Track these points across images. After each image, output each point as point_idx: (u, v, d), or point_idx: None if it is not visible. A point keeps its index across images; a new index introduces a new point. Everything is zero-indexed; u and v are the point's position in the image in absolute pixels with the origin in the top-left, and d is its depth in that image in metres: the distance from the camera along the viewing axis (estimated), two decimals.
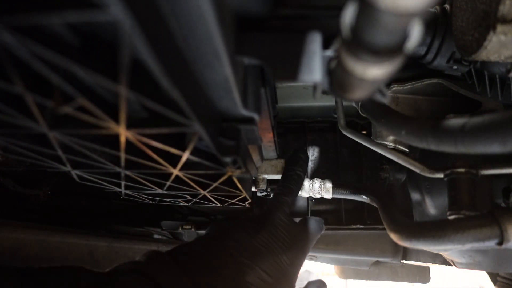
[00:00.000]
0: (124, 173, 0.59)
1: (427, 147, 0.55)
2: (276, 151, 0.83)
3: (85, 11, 0.22)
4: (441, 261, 1.19)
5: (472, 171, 0.71)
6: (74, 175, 0.63)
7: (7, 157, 0.66)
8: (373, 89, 0.37)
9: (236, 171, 0.54)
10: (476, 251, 0.84)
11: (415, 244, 0.70)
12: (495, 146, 0.44)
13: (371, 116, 0.76)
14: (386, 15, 0.23)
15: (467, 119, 0.48)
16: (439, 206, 0.86)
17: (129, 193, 0.79)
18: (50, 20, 0.22)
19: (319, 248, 1.31)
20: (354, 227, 1.29)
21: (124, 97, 0.31)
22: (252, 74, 0.45)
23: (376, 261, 1.38)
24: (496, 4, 0.47)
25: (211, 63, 0.34)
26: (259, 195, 1.06)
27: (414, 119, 0.60)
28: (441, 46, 0.72)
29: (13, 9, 0.22)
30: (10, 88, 0.30)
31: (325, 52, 0.39)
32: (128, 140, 0.42)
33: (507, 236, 0.60)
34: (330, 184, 1.06)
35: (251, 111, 0.45)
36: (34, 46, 0.25)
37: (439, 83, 0.86)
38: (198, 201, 0.86)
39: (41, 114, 0.35)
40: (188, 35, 0.30)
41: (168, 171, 0.55)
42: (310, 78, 0.38)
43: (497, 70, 0.64)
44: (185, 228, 1.34)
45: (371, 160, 1.37)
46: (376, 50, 0.28)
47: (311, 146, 1.42)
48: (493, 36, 0.48)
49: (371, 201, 1.04)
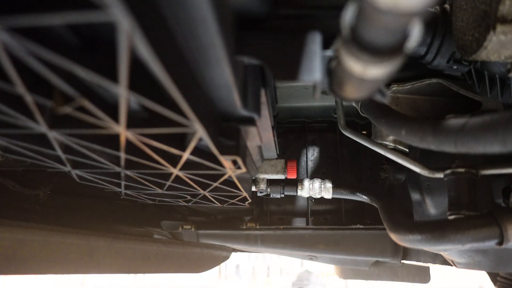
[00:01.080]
0: (124, 173, 0.59)
1: (427, 147, 0.55)
2: (276, 151, 0.83)
3: (85, 12, 0.22)
4: (441, 261, 1.19)
5: (472, 171, 0.71)
6: (74, 175, 0.63)
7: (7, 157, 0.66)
8: (373, 89, 0.37)
9: (236, 171, 0.54)
10: (476, 251, 0.84)
11: (415, 244, 0.69)
12: (495, 146, 0.44)
13: (371, 116, 0.76)
14: (386, 15, 0.23)
15: (467, 119, 0.48)
16: (439, 206, 0.86)
17: (129, 193, 0.79)
18: (50, 20, 0.22)
19: (319, 248, 1.31)
20: (354, 227, 1.30)
21: (124, 97, 0.31)
22: (252, 74, 0.45)
23: (376, 261, 1.38)
24: (496, 4, 0.47)
25: (211, 63, 0.34)
26: (259, 195, 1.06)
27: (414, 119, 0.60)
28: (441, 46, 0.71)
29: (13, 9, 0.22)
30: (11, 89, 0.30)
31: (325, 52, 0.39)
32: (128, 140, 0.42)
33: (507, 236, 0.60)
34: (330, 184, 1.06)
35: (251, 111, 0.45)
36: (34, 46, 0.25)
37: (439, 83, 0.86)
38: (198, 201, 0.86)
39: (41, 114, 0.35)
40: (188, 35, 0.30)
41: (168, 171, 0.55)
42: (310, 78, 0.38)
43: (497, 70, 0.64)
44: (185, 228, 1.34)
45: (371, 160, 1.37)
46: (376, 50, 0.28)
47: (311, 146, 1.42)
48: (493, 36, 0.48)
49: (371, 201, 1.04)
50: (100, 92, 0.37)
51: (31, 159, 0.56)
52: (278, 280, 5.54)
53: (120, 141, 0.43)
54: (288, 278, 5.43)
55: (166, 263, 1.29)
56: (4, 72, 0.28)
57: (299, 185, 1.06)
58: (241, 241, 1.34)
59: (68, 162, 0.56)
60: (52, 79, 0.29)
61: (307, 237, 1.31)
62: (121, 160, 0.52)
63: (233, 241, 1.36)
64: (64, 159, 0.53)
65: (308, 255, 1.38)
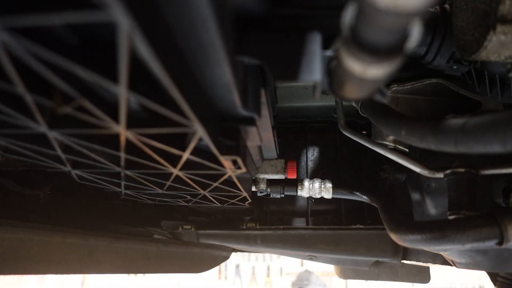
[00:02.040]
0: (124, 173, 0.59)
1: (427, 147, 0.55)
2: (276, 151, 0.83)
3: (85, 11, 0.22)
4: (441, 261, 1.19)
5: (472, 171, 0.71)
6: (74, 175, 0.63)
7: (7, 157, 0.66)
8: (373, 89, 0.37)
9: (236, 171, 0.54)
10: (476, 251, 0.84)
11: (415, 244, 0.69)
12: (495, 146, 0.44)
13: (371, 116, 0.76)
14: (386, 15, 0.23)
15: (467, 119, 0.48)
16: (439, 206, 0.86)
17: (129, 193, 0.79)
18: (50, 20, 0.22)
19: (319, 248, 1.31)
20: (354, 227, 1.30)
21: (124, 97, 0.31)
22: (252, 74, 0.45)
23: (376, 261, 1.38)
24: (496, 4, 0.47)
25: (211, 63, 0.34)
26: (259, 195, 1.06)
27: (414, 119, 0.60)
28: (441, 46, 0.71)
29: (13, 9, 0.22)
30: (11, 89, 0.30)
31: (325, 52, 0.39)
32: (128, 140, 0.42)
33: (507, 236, 0.60)
34: (330, 184, 1.06)
35: (251, 111, 0.45)
36: (34, 46, 0.25)
37: (439, 83, 0.86)
38: (198, 201, 0.86)
39: (41, 114, 0.35)
40: (188, 35, 0.30)
41: (168, 171, 0.55)
42: (310, 78, 0.38)
43: (497, 70, 0.64)
44: (185, 228, 1.34)
45: (371, 160, 1.37)
46: (376, 50, 0.28)
47: (311, 146, 1.42)
48: (493, 36, 0.48)
49: (371, 201, 1.04)
50: (100, 92, 0.37)
51: (31, 159, 0.56)
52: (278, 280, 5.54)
53: (120, 141, 0.43)
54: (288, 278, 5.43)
55: (166, 263, 1.29)
56: (4, 72, 0.28)
57: (299, 185, 1.06)
58: (241, 241, 1.34)
59: (68, 162, 0.56)
60: (52, 79, 0.29)
61: (307, 237, 1.31)
62: (121, 160, 0.52)
63: (233, 241, 1.36)
64: (64, 159, 0.53)
65: (308, 255, 1.38)
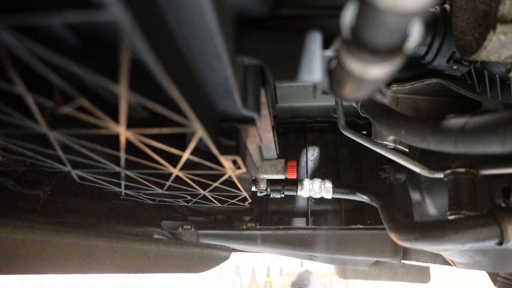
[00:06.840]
0: (124, 173, 0.59)
1: (427, 147, 0.55)
2: (276, 151, 0.83)
3: (85, 11, 0.22)
4: (441, 261, 1.19)
5: (472, 171, 0.71)
6: (74, 175, 0.63)
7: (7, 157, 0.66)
8: (373, 89, 0.37)
9: (236, 171, 0.54)
10: (476, 251, 0.84)
11: (415, 244, 0.69)
12: (495, 146, 0.44)
13: (371, 116, 0.76)
14: (386, 15, 0.23)
15: (467, 119, 0.48)
16: (439, 206, 0.86)
17: (129, 193, 0.79)
18: (50, 20, 0.22)
19: (319, 248, 1.31)
20: (354, 227, 1.30)
21: (124, 97, 0.31)
22: (252, 74, 0.45)
23: (376, 261, 1.38)
24: (496, 4, 0.47)
25: (211, 63, 0.34)
26: (259, 195, 1.06)
27: (414, 119, 0.60)
28: (441, 46, 0.71)
29: (13, 9, 0.22)
30: (11, 88, 0.30)
31: (325, 52, 0.39)
32: (128, 140, 0.42)
33: (507, 236, 0.60)
34: (330, 184, 1.06)
35: (251, 111, 0.45)
36: (34, 46, 0.25)
37: (439, 83, 0.86)
38: (198, 201, 0.86)
39: (41, 114, 0.35)
40: (188, 35, 0.30)
41: (168, 171, 0.55)
42: (310, 78, 0.38)
43: (497, 70, 0.64)
44: (185, 228, 1.34)
45: (371, 160, 1.37)
46: (376, 50, 0.28)
47: (311, 146, 1.42)
48: (493, 36, 0.48)
49: (371, 201, 1.04)
50: (100, 92, 0.37)
51: (31, 159, 0.56)
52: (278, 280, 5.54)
53: (120, 141, 0.43)
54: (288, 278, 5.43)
55: (166, 263, 1.29)
56: (4, 72, 0.28)
57: (299, 185, 1.06)
58: (241, 241, 1.34)
59: (68, 162, 0.56)
60: (52, 79, 0.29)
61: (307, 237, 1.31)
62: (121, 160, 0.52)
63: (233, 241, 1.36)
64: (64, 159, 0.53)
65: (308, 255, 1.38)
